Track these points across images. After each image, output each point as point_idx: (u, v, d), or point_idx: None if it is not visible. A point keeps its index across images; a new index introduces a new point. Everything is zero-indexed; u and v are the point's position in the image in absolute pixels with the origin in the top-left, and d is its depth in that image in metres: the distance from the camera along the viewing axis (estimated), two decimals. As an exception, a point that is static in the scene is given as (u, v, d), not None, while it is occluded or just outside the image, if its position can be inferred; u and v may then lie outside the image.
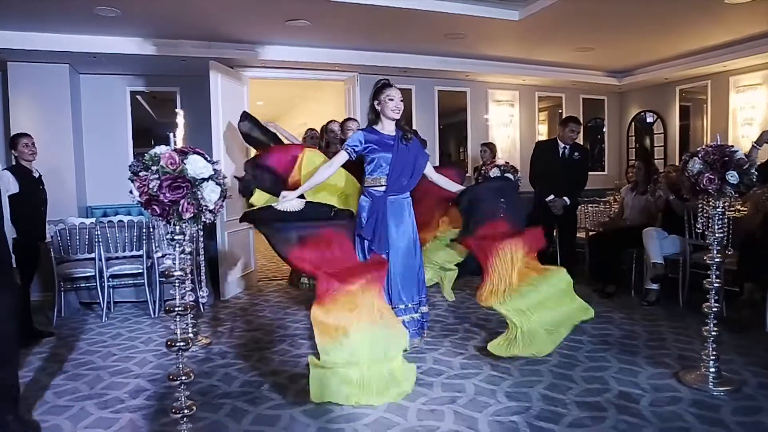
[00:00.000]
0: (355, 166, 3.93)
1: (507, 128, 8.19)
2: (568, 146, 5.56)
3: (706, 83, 7.58)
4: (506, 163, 5.07)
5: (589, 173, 8.61)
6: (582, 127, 5.75)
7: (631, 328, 4.45)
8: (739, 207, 5.02)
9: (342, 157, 3.70)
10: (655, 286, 5.20)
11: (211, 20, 5.18)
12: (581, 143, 6.49)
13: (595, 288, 5.75)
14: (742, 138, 7.09)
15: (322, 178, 3.68)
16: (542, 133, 8.92)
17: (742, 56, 6.58)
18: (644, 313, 4.90)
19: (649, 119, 8.65)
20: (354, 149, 3.69)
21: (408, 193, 3.84)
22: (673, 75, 7.70)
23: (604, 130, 9.06)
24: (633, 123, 8.93)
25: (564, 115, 8.64)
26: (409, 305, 3.83)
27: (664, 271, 5.20)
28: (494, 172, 4.93)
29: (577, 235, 6.60)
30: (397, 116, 3.75)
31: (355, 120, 5.51)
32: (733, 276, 4.63)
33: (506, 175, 4.88)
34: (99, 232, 5.00)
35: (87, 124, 6.44)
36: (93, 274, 5.05)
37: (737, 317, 4.52)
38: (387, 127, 3.77)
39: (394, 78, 6.99)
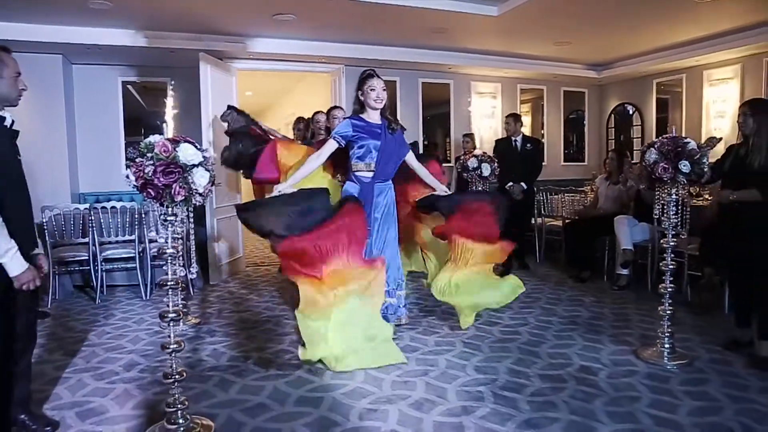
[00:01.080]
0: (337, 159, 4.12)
1: (490, 120, 8.41)
2: (519, 139, 6.28)
3: (681, 77, 7.84)
4: (483, 153, 5.30)
5: (570, 163, 8.96)
6: (518, 121, 6.39)
7: (599, 310, 4.72)
8: (707, 196, 5.30)
9: (330, 145, 3.84)
10: (625, 272, 5.47)
11: (201, 13, 5.35)
12: (533, 136, 7.31)
13: (571, 274, 6.03)
14: (714, 130, 7.36)
15: (312, 168, 3.83)
16: (526, 124, 9.15)
17: (714, 51, 6.83)
18: (614, 297, 5.17)
19: (629, 111, 8.90)
20: (342, 137, 3.84)
21: (390, 180, 4.06)
22: (649, 69, 7.95)
23: (585, 121, 9.31)
24: (612, 115, 9.18)
25: (545, 107, 8.91)
26: (391, 289, 4.05)
27: (634, 257, 5.47)
28: (472, 162, 5.17)
29: (554, 223, 6.89)
30: (379, 106, 3.89)
31: (341, 108, 5.71)
32: (696, 261, 4.90)
33: (483, 164, 5.13)
34: (93, 218, 5.18)
35: (79, 114, 6.59)
36: (87, 258, 5.24)
37: (699, 300, 4.80)
38: (372, 117, 3.92)
39: (378, 69, 7.17)
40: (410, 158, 4.11)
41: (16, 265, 2.20)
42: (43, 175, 5.96)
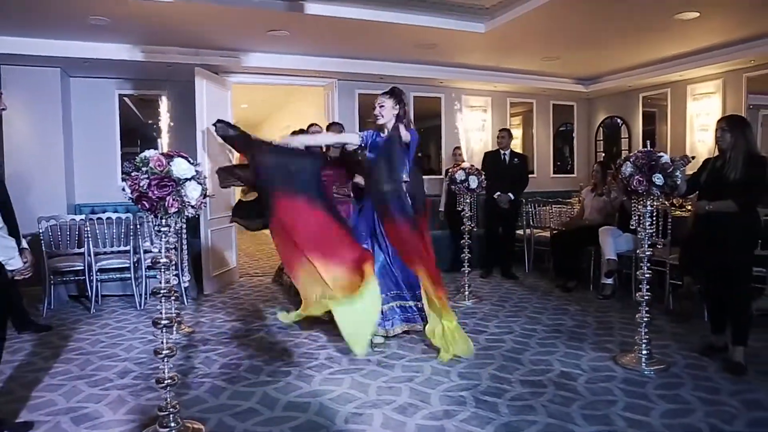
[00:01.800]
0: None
1: (481, 132, 8.57)
2: (507, 153, 6.63)
3: (666, 91, 8.02)
4: (471, 166, 5.43)
5: (559, 175, 9.13)
6: (511, 137, 6.82)
7: (583, 319, 4.85)
8: (689, 207, 5.45)
9: (351, 136, 4.20)
10: (609, 281, 5.60)
11: (197, 29, 5.50)
12: (519, 151, 7.58)
13: (558, 283, 6.16)
14: (698, 143, 7.54)
15: (324, 140, 4.22)
16: (516, 136, 9.32)
17: (696, 67, 7.01)
18: (598, 306, 5.30)
19: (617, 124, 9.08)
20: (362, 138, 4.16)
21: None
22: (635, 83, 8.13)
23: (574, 134, 9.48)
24: (601, 127, 9.36)
25: (535, 120, 9.09)
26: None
27: (618, 267, 5.61)
28: (459, 175, 5.32)
29: (543, 233, 7.03)
30: (379, 122, 4.13)
31: (339, 124, 5.88)
32: (677, 270, 5.03)
33: (470, 177, 5.28)
34: (88, 228, 5.29)
35: (76, 126, 6.71)
36: (82, 268, 5.34)
37: (679, 308, 4.93)
38: (385, 132, 4.13)
39: (371, 84, 7.46)
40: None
41: (18, 261, 2.61)
42: (39, 185, 6.10)
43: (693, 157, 3.87)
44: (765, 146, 6.80)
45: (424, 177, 7.74)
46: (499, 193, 6.46)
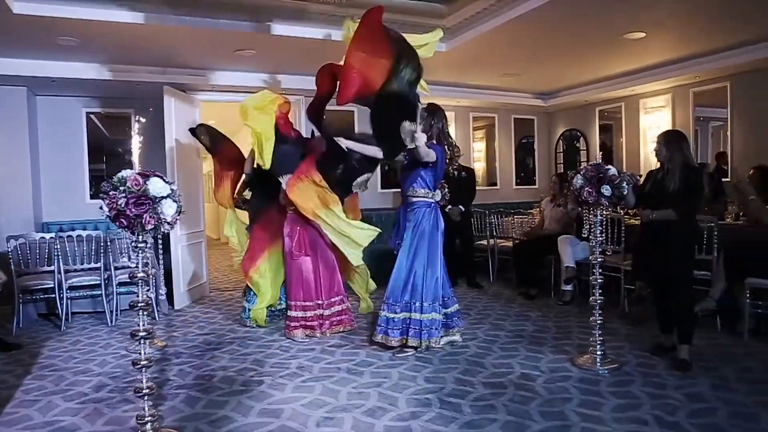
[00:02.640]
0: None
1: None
2: (455, 168, 6.68)
3: (620, 105, 8.41)
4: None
5: (522, 186, 9.45)
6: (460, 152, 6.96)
7: (544, 324, 5.08)
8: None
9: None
10: (569, 287, 5.87)
11: (165, 49, 5.61)
12: (468, 165, 7.95)
13: (520, 291, 6.41)
14: (651, 154, 7.81)
15: (373, 152, 4.41)
16: (480, 149, 9.62)
17: (647, 82, 7.40)
18: (558, 311, 5.55)
19: (575, 136, 9.45)
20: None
21: (408, 199, 4.45)
22: (592, 97, 8.50)
23: (535, 146, 9.82)
24: (560, 140, 9.72)
25: (497, 134, 9.39)
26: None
27: (576, 274, 5.88)
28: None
29: (506, 243, 7.28)
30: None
31: None
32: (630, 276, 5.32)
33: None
34: (58, 246, 5.32)
35: (43, 144, 6.70)
36: (52, 286, 5.36)
37: (633, 311, 5.22)
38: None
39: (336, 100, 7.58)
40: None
41: None
42: (6, 205, 6.09)
43: (640, 175, 4.13)
44: (713, 156, 7.24)
45: (389, 190, 8.07)
46: (450, 206, 6.64)
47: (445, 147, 4.54)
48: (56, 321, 5.50)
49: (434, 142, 4.45)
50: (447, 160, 4.58)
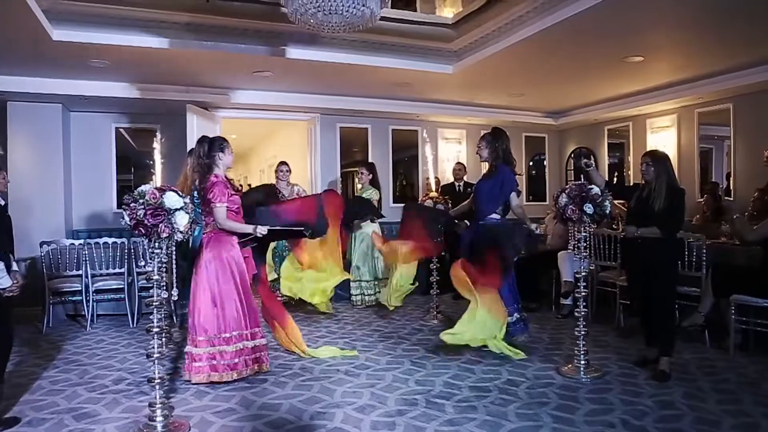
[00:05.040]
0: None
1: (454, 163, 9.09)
2: (461, 184, 7.46)
3: (628, 124, 8.60)
4: (438, 195, 5.96)
5: (533, 203, 9.67)
6: (464, 170, 7.93)
7: (539, 335, 5.31)
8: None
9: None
10: (567, 301, 6.08)
11: (188, 70, 6.03)
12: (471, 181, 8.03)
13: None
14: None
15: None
16: (491, 166, 9.86)
17: (653, 103, 7.59)
18: (555, 324, 5.77)
19: (585, 155, 9.64)
20: None
21: (485, 218, 4.88)
22: (600, 117, 8.71)
23: (545, 164, 10.05)
24: (571, 157, 9.93)
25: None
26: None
27: (575, 288, 6.08)
28: (428, 203, 5.83)
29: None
30: (481, 161, 5.09)
31: (372, 164, 6.96)
32: (627, 290, 5.51)
33: (438, 206, 5.78)
34: (86, 252, 5.75)
35: (75, 156, 7.17)
36: (79, 288, 5.77)
37: (628, 326, 5.41)
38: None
39: (350, 118, 8.04)
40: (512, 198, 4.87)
41: (7, 280, 3.18)
42: (40, 213, 6.54)
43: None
44: (732, 174, 7.30)
45: (400, 204, 8.36)
46: (456, 221, 6.87)
47: (513, 166, 4.92)
48: (82, 322, 5.90)
49: (501, 162, 4.86)
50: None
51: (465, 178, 7.80)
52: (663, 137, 8.09)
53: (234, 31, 5.28)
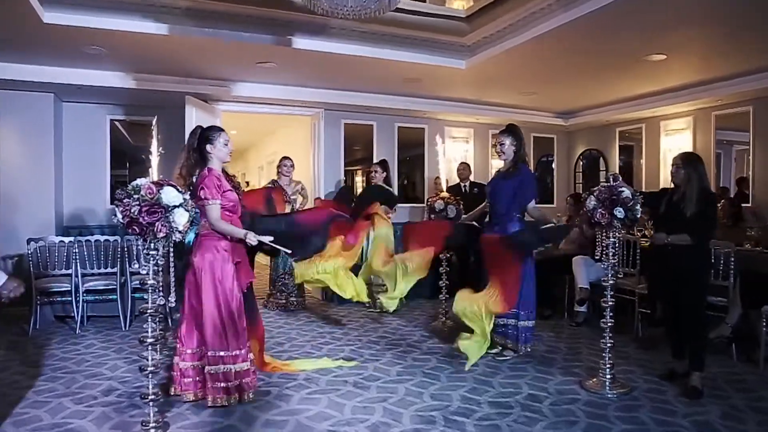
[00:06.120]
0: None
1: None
2: (467, 184, 7.27)
3: (641, 126, 8.34)
4: (449, 196, 5.67)
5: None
6: (469, 170, 7.72)
7: (555, 345, 5.04)
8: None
9: None
10: (582, 309, 5.81)
11: (187, 60, 5.72)
12: (482, 182, 7.78)
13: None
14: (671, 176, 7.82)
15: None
16: (497, 167, 9.56)
17: (668, 104, 7.33)
18: (571, 333, 5.50)
19: (595, 156, 9.39)
20: None
21: (506, 219, 4.61)
22: (612, 118, 8.45)
23: (554, 165, 9.78)
24: (580, 159, 9.67)
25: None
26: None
27: (590, 295, 5.82)
28: (438, 204, 5.54)
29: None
30: (500, 160, 4.91)
31: (384, 162, 6.87)
32: (647, 299, 5.24)
33: (449, 207, 5.50)
34: (76, 250, 5.43)
35: (67, 149, 6.84)
36: (69, 288, 5.45)
37: (648, 336, 5.13)
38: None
39: (356, 114, 7.72)
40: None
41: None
42: (29, 207, 6.22)
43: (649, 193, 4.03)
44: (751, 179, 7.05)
45: (408, 204, 8.09)
46: (476, 224, 6.62)
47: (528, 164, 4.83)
48: (72, 324, 5.57)
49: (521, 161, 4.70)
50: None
51: (470, 178, 7.56)
52: (677, 140, 7.82)
53: (237, 18, 4.97)
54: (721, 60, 5.74)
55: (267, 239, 3.49)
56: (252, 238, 3.40)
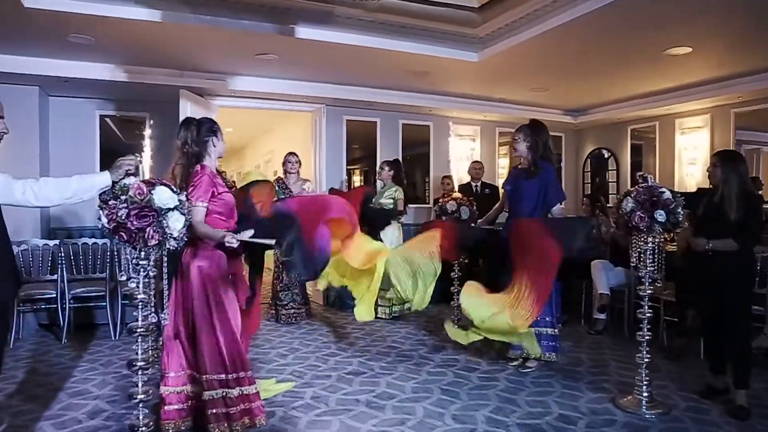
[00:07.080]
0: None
1: (468, 162, 8.47)
2: (479, 184, 7.06)
3: (654, 124, 8.02)
4: (462, 196, 5.33)
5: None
6: (482, 169, 7.44)
7: (577, 356, 4.70)
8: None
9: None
10: (602, 316, 5.47)
11: (182, 51, 5.35)
12: (492, 182, 7.75)
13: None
14: (687, 176, 7.53)
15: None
16: (503, 166, 9.26)
17: (684, 101, 7.01)
18: (591, 342, 5.16)
19: (604, 156, 9.07)
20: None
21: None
22: (624, 116, 8.13)
23: (562, 164, 9.44)
24: (589, 159, 9.34)
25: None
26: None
27: (610, 302, 5.49)
28: (451, 205, 5.20)
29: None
30: (516, 156, 4.57)
31: (396, 162, 6.66)
32: (673, 307, 4.92)
33: (462, 208, 5.16)
34: (62, 254, 5.05)
35: (54, 146, 6.45)
36: (54, 295, 5.07)
37: (676, 346, 4.80)
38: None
39: (359, 110, 7.36)
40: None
41: None
42: (12, 208, 5.77)
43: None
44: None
45: (411, 205, 7.73)
46: (472, 224, 6.26)
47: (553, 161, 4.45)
48: (58, 332, 5.20)
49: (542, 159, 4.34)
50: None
51: (483, 178, 7.24)
52: (693, 139, 7.51)
53: (237, 5, 4.61)
54: (748, 52, 5.42)
55: (247, 235, 2.87)
56: (230, 239, 2.82)
